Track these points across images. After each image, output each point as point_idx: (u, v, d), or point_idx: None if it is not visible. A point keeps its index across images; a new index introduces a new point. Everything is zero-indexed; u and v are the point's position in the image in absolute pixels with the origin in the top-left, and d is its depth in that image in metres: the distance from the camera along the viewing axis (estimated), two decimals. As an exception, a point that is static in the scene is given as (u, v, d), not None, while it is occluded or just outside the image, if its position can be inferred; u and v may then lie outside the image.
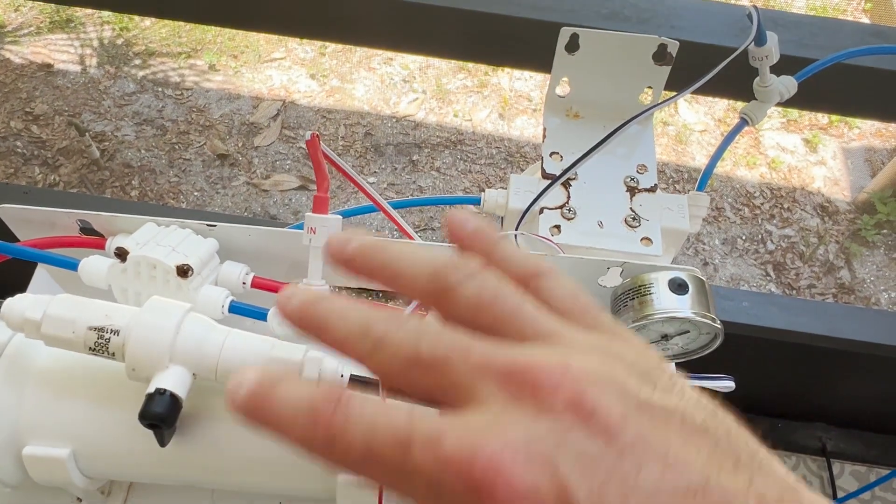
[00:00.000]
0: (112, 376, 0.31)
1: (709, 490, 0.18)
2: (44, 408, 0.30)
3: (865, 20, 2.67)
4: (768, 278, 2.13)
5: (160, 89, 2.40)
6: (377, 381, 0.30)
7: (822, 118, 2.45)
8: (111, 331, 0.28)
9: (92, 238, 0.38)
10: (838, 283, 2.10)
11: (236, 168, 2.26)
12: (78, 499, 0.36)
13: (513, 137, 2.36)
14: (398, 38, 0.61)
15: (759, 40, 0.44)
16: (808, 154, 2.38)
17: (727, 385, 0.36)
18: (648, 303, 0.36)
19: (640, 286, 0.37)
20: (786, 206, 2.26)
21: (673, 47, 0.48)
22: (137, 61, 2.50)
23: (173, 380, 0.27)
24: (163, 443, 0.28)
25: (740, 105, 0.52)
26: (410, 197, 2.13)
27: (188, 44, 2.56)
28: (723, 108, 2.44)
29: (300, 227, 0.38)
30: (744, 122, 0.49)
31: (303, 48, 2.56)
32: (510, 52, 0.60)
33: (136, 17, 2.60)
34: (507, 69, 2.49)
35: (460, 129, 2.38)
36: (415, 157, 2.31)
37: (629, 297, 0.37)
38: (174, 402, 0.27)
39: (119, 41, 2.55)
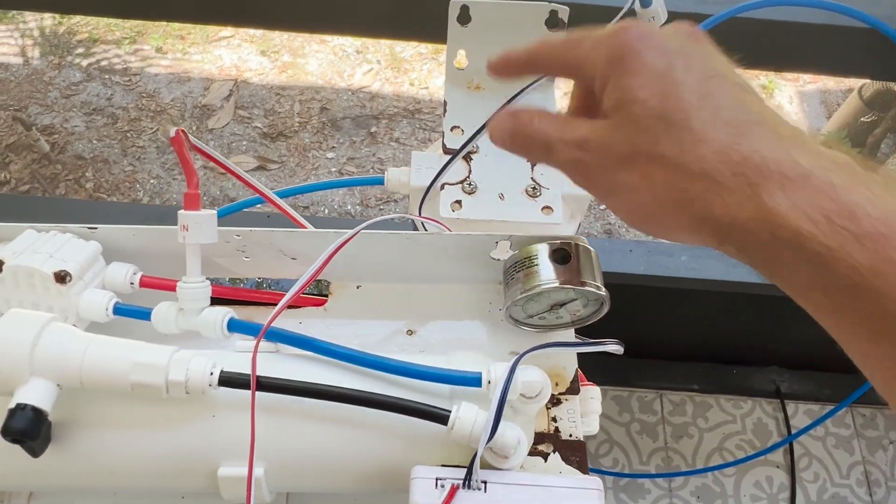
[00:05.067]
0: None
1: (746, 87, 0.28)
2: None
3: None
4: (730, 227, 2.15)
5: (108, 76, 2.34)
6: (247, 376, 0.31)
7: (779, 62, 2.46)
8: (-33, 347, 0.28)
9: (-27, 250, 0.38)
10: (798, 227, 2.12)
11: (192, 152, 2.21)
12: (-26, 511, 0.36)
13: (470, 103, 2.33)
14: (303, 19, 0.60)
15: (644, 1, 0.44)
16: (765, 100, 2.39)
17: (616, 349, 0.37)
18: (533, 275, 0.37)
19: (525, 258, 0.37)
20: (744, 153, 2.28)
21: (564, 13, 0.47)
22: (81, 49, 2.42)
23: (36, 393, 0.27)
24: (35, 455, 0.29)
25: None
26: (367, 173, 2.09)
27: (133, 28, 2.49)
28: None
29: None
30: (641, 83, 0.49)
31: (251, 24, 2.50)
32: (414, 26, 0.59)
33: (76, 3, 2.51)
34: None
35: (417, 97, 2.35)
36: (373, 129, 2.29)
37: (516, 270, 0.38)
38: (37, 415, 0.27)
39: (60, 30, 2.48)
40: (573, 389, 0.40)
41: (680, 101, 0.26)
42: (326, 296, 0.43)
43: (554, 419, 0.38)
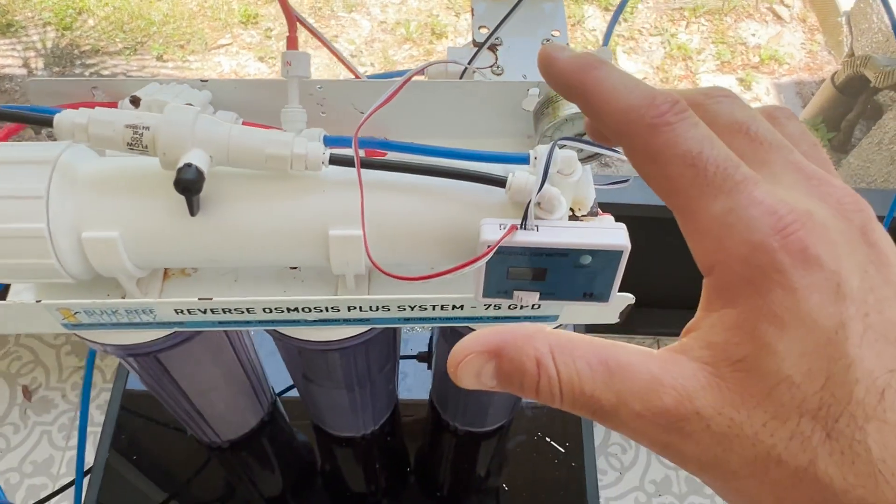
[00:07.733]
0: (147, 174, 0.39)
1: None
2: (94, 202, 0.39)
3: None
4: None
5: (111, 85, 2.42)
6: (351, 157, 0.39)
7: (754, 57, 2.59)
8: (143, 127, 0.37)
9: (106, 102, 0.47)
10: (777, 207, 2.23)
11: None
12: (122, 296, 0.44)
13: (461, 99, 2.43)
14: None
15: None
16: (743, 92, 2.51)
17: (623, 184, 0.45)
18: (559, 107, 0.46)
19: (552, 97, 0.47)
20: (724, 141, 2.39)
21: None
22: (85, 60, 2.51)
23: (196, 157, 0.36)
24: (193, 211, 0.37)
25: (674, 41, 0.61)
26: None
27: (133, 37, 2.58)
28: (660, 57, 2.57)
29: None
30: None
31: (248, 33, 2.61)
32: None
33: (79, 16, 2.61)
34: (448, 38, 2.57)
35: (410, 96, 2.45)
36: (369, 127, 2.37)
37: (545, 107, 0.47)
38: (199, 172, 0.36)
39: (63, 42, 2.57)
40: (592, 213, 0.49)
41: (853, 398, 0.16)
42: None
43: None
